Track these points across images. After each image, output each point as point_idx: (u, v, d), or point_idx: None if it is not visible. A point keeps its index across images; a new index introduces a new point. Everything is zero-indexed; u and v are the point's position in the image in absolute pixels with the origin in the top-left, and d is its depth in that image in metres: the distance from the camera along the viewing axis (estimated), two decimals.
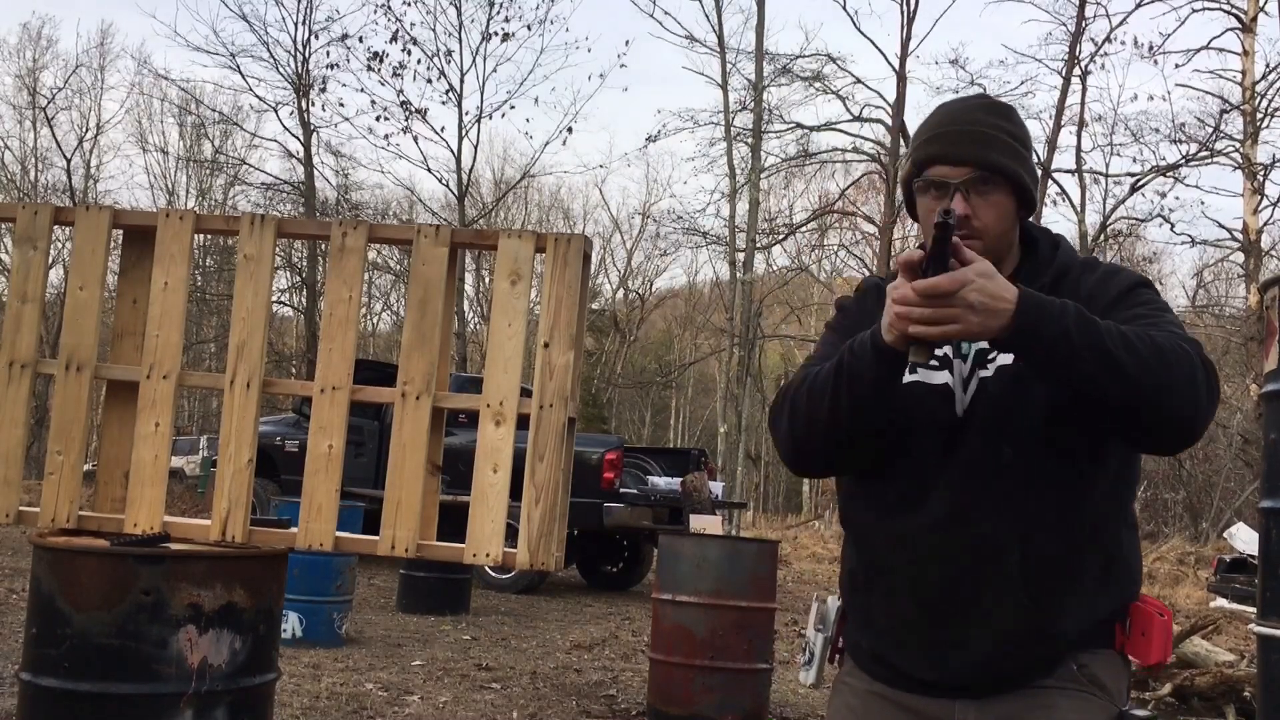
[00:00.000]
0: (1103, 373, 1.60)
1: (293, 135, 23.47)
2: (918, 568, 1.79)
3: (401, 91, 21.78)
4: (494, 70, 32.45)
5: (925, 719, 1.82)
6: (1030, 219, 1.91)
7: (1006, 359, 1.78)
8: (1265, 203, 20.13)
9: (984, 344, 1.78)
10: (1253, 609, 7.34)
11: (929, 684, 1.81)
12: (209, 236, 12.50)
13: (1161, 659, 1.79)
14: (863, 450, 1.82)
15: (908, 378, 1.82)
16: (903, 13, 21.95)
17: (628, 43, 51.19)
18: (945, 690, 1.80)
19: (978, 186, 1.78)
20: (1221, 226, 21.53)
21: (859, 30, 29.71)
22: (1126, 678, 1.85)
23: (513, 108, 31.02)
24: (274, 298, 5.79)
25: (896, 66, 21.98)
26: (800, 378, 1.86)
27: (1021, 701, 1.77)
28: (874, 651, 1.88)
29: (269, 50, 23.56)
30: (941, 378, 1.83)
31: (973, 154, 1.78)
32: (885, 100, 22.41)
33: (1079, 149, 20.36)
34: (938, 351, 1.81)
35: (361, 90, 26.53)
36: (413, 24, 26.01)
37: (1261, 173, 19.72)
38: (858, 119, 22.91)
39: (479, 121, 22.27)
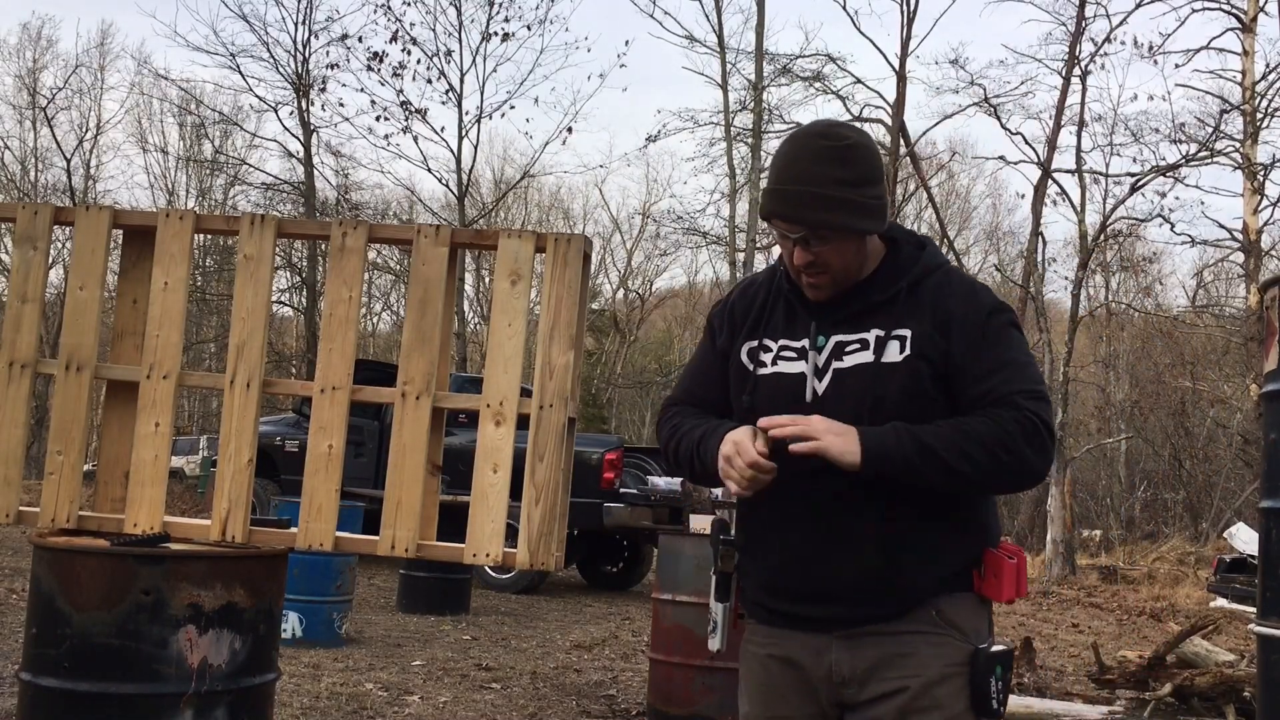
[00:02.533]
0: (946, 481, 1.96)
1: (293, 135, 23.46)
2: (790, 522, 2.06)
3: (401, 91, 21.73)
4: (494, 70, 32.32)
5: (809, 674, 2.07)
6: (886, 226, 2.07)
7: (864, 357, 2.02)
8: (1265, 203, 20.10)
9: (841, 337, 2.04)
10: (1253, 609, 7.34)
11: (806, 620, 2.07)
12: (209, 236, 12.51)
13: (1014, 595, 2.06)
14: None
15: (767, 370, 2.10)
16: (903, 13, 21.94)
17: (628, 43, 51.12)
18: (821, 624, 2.05)
19: (818, 239, 1.98)
20: (1221, 226, 21.51)
21: (859, 30, 29.61)
22: (986, 617, 2.10)
23: (513, 108, 30.98)
24: (274, 298, 5.79)
25: (896, 66, 21.98)
26: (670, 425, 2.19)
27: (886, 647, 2.01)
28: (759, 600, 2.15)
29: (269, 50, 23.45)
30: (798, 368, 2.07)
31: (804, 217, 1.97)
32: (885, 100, 22.40)
33: (1079, 149, 20.31)
34: (794, 343, 2.09)
35: (361, 90, 26.50)
36: (413, 24, 25.93)
37: (1261, 173, 19.70)
38: (858, 119, 22.86)
39: (479, 121, 22.25)
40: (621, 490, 11.03)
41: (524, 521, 3.09)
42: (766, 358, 2.11)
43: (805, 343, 2.07)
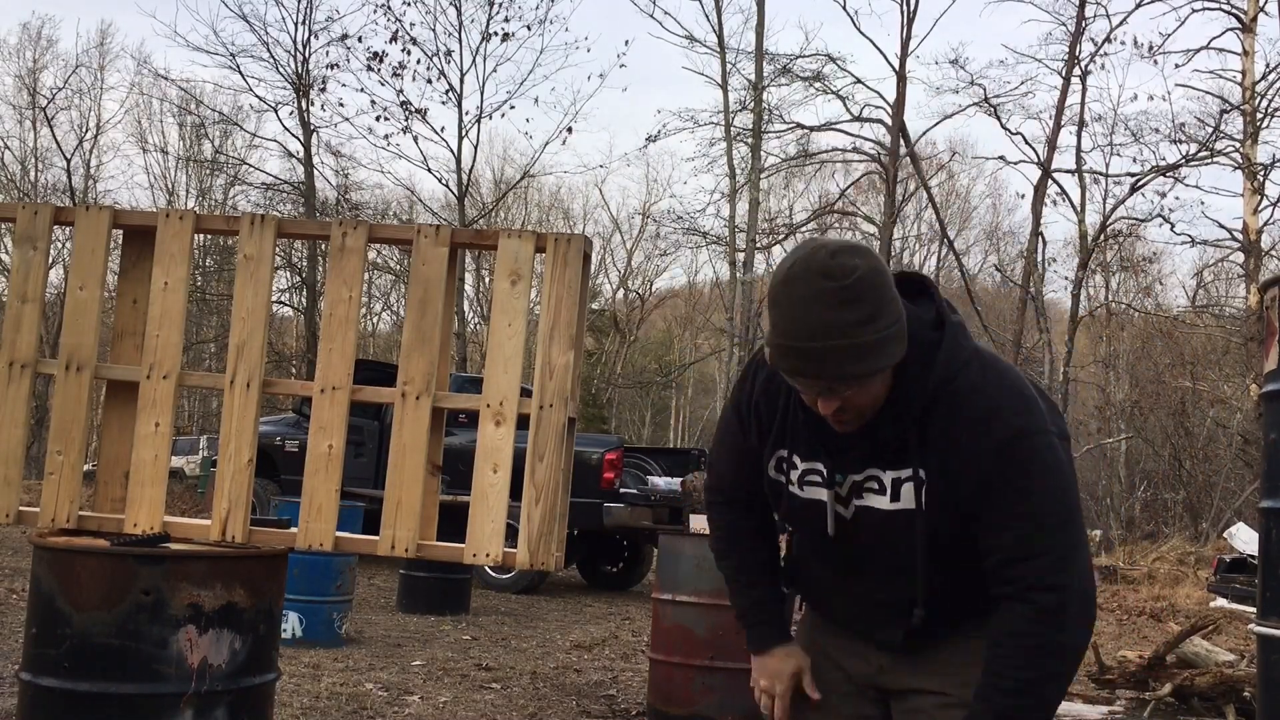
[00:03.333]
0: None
1: (293, 135, 23.46)
2: (830, 599, 2.18)
3: (401, 91, 21.75)
4: (494, 70, 32.30)
5: (856, 674, 2.16)
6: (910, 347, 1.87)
7: (880, 501, 1.96)
8: (1265, 203, 20.11)
9: (856, 476, 1.98)
10: (1253, 609, 7.34)
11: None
12: (209, 236, 12.50)
13: None
14: None
15: (795, 489, 2.06)
16: (903, 13, 21.95)
17: (628, 43, 51.16)
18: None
19: (843, 388, 1.84)
20: (1221, 226, 21.53)
21: (859, 30, 29.61)
22: None
23: (513, 108, 30.98)
24: (274, 298, 5.79)
25: (896, 66, 21.97)
26: (726, 554, 2.25)
27: (928, 649, 2.07)
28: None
29: (269, 50, 23.45)
30: (820, 494, 2.03)
31: (826, 373, 1.80)
32: (885, 100, 22.39)
33: (1079, 149, 20.36)
34: (817, 466, 2.03)
35: (361, 90, 26.51)
36: (412, 24, 25.92)
37: (1261, 173, 19.71)
38: (858, 119, 22.89)
39: (479, 121, 22.26)
40: (621, 490, 11.03)
41: (524, 521, 3.09)
42: (794, 475, 2.06)
43: (822, 469, 2.02)
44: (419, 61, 21.62)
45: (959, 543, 1.93)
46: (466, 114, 22.14)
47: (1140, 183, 19.74)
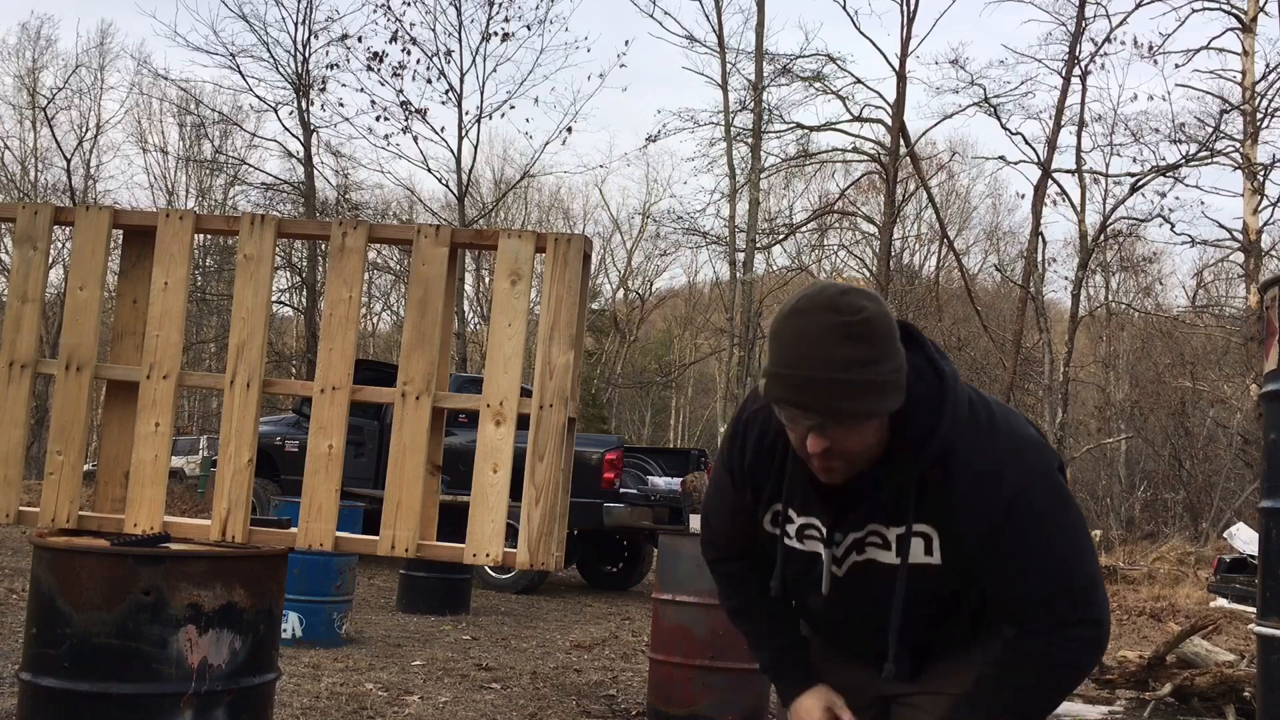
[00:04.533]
0: None
1: (293, 135, 23.47)
2: (824, 636, 2.19)
3: (401, 91, 21.80)
4: (494, 70, 32.43)
5: (855, 674, 2.15)
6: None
7: (884, 555, 1.95)
8: (1265, 203, 20.11)
9: (857, 534, 1.96)
10: (1253, 609, 7.34)
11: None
12: (209, 236, 12.50)
13: None
14: None
15: (792, 542, 2.04)
16: (903, 13, 21.95)
17: (628, 43, 51.25)
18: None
19: (834, 421, 1.78)
20: (1221, 226, 21.54)
21: (859, 30, 29.68)
22: None
23: (513, 108, 30.99)
24: (274, 298, 5.79)
25: (896, 66, 21.97)
26: (738, 612, 2.24)
27: (937, 657, 2.07)
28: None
29: (269, 50, 23.50)
30: (817, 548, 2.02)
31: (819, 405, 1.75)
32: (885, 100, 22.39)
33: (1079, 149, 20.35)
34: (813, 522, 2.01)
35: (361, 90, 26.55)
36: (412, 24, 26.02)
37: (1261, 173, 19.71)
38: (858, 119, 22.90)
39: (479, 121, 22.26)
40: (621, 490, 11.03)
41: (524, 521, 3.09)
42: (791, 529, 2.05)
43: (822, 528, 2.00)
44: (419, 61, 21.65)
45: (959, 596, 1.97)
46: (466, 114, 22.16)
47: (1140, 183, 19.75)
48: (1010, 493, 1.84)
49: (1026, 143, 23.58)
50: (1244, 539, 14.46)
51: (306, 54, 22.40)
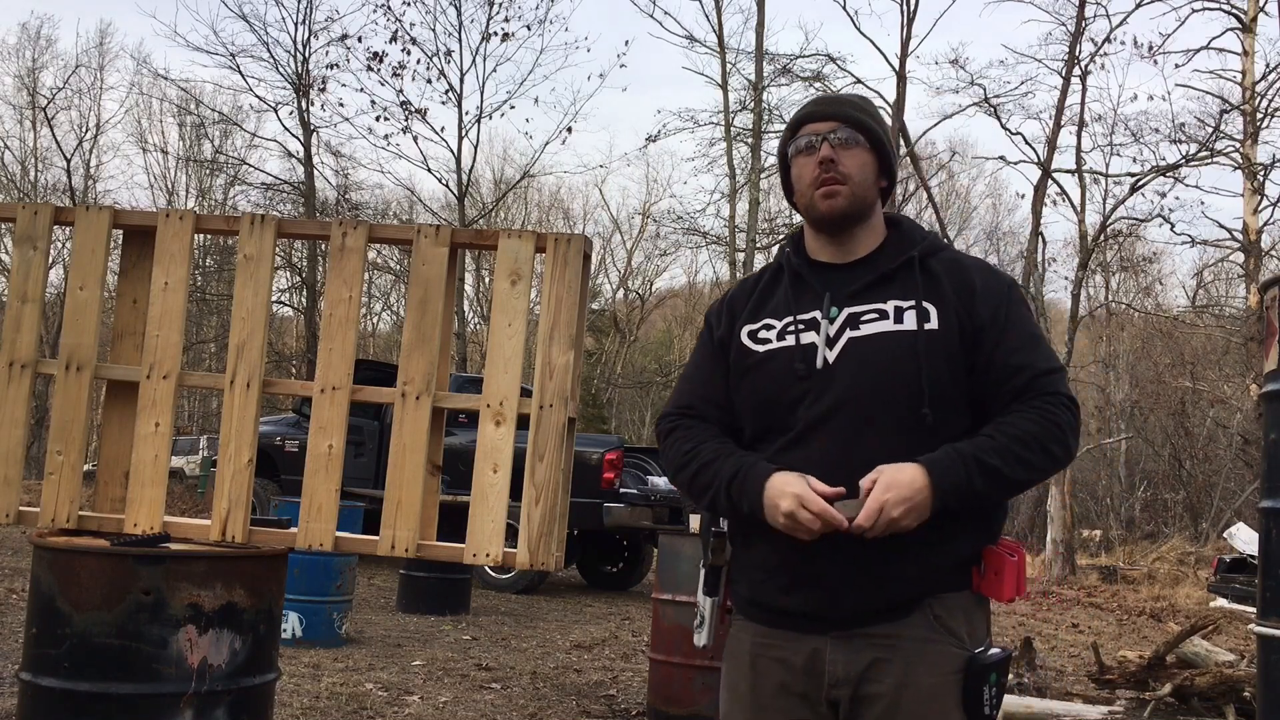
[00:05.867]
0: (1010, 492, 2.00)
1: (293, 135, 23.49)
2: (806, 452, 2.01)
3: (401, 91, 21.80)
4: (494, 70, 32.48)
5: (801, 675, 2.02)
6: (888, 198, 2.18)
7: (884, 325, 2.02)
8: (1265, 203, 20.09)
9: (855, 309, 2.04)
10: (1253, 609, 7.34)
11: (801, 617, 2.01)
12: (209, 236, 12.50)
13: (1014, 594, 1.99)
14: None
15: (772, 345, 2.07)
16: (903, 13, 21.93)
17: (628, 43, 51.32)
18: (815, 623, 2.00)
19: (843, 141, 2.08)
20: (1221, 226, 21.53)
21: (859, 30, 29.68)
22: (983, 618, 2.06)
23: (513, 108, 31.05)
24: (274, 298, 5.79)
25: (896, 66, 21.96)
26: (682, 448, 2.10)
27: (881, 651, 1.97)
28: (753, 598, 2.09)
29: (269, 50, 23.60)
30: (808, 338, 2.05)
31: (838, 111, 2.12)
32: (885, 100, 22.34)
33: (1079, 149, 20.32)
34: (803, 316, 2.07)
35: (361, 90, 26.57)
36: (412, 24, 26.06)
37: (1261, 173, 19.69)
38: None
39: (479, 121, 22.28)
40: (621, 490, 11.03)
41: (524, 521, 3.09)
42: (770, 334, 2.08)
43: (816, 314, 2.05)
44: (419, 61, 21.66)
45: (960, 369, 2.01)
46: (466, 114, 22.17)
47: (1140, 183, 19.73)
48: (1007, 281, 2.12)
49: (1026, 143, 23.58)
50: (1244, 539, 14.47)
51: (306, 54, 22.43)
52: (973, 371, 2.01)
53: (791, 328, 2.06)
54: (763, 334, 2.09)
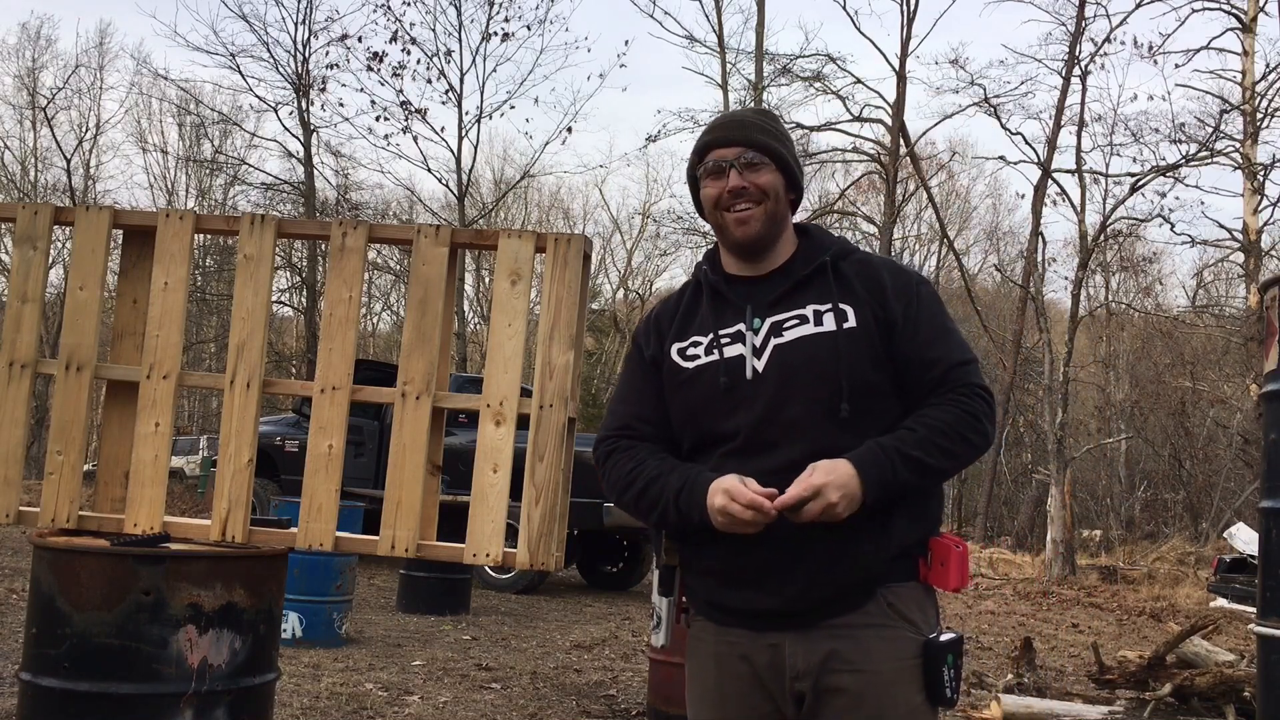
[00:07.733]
0: (934, 480, 2.07)
1: (293, 135, 23.49)
2: (741, 458, 2.05)
3: (401, 91, 21.80)
4: (494, 70, 32.54)
5: (762, 670, 2.05)
6: (796, 210, 2.23)
7: (806, 329, 2.08)
8: (1265, 203, 20.09)
9: (776, 317, 2.10)
10: (1253, 609, 7.34)
11: (758, 614, 2.05)
12: (209, 236, 12.50)
13: (959, 585, 2.05)
14: None
15: (701, 361, 2.12)
16: (903, 13, 21.96)
17: (628, 43, 51.34)
18: (774, 620, 2.04)
19: (749, 164, 2.13)
20: (1221, 226, 21.55)
21: (859, 30, 29.72)
22: (933, 606, 2.11)
23: (513, 108, 31.08)
24: (274, 298, 5.79)
25: (896, 66, 21.98)
26: (623, 468, 2.13)
27: (840, 641, 2.02)
28: (709, 598, 2.12)
29: (269, 50, 23.60)
30: (735, 351, 2.11)
31: (741, 137, 2.15)
32: (885, 100, 22.40)
33: (1079, 149, 20.31)
34: (728, 330, 2.13)
35: (361, 90, 26.61)
36: (412, 24, 26.07)
37: (1261, 173, 19.69)
38: (858, 119, 22.91)
39: (479, 121, 22.29)
40: None
41: (524, 521, 3.09)
42: (699, 350, 2.14)
43: (740, 326, 2.12)
44: (419, 61, 21.68)
45: (883, 366, 2.07)
46: (466, 114, 22.18)
47: (1140, 183, 19.72)
48: (916, 278, 2.19)
49: (1026, 143, 23.66)
50: (1244, 539, 14.47)
51: (306, 54, 22.44)
52: (893, 364, 2.09)
53: (715, 343, 2.12)
54: (691, 350, 2.16)
